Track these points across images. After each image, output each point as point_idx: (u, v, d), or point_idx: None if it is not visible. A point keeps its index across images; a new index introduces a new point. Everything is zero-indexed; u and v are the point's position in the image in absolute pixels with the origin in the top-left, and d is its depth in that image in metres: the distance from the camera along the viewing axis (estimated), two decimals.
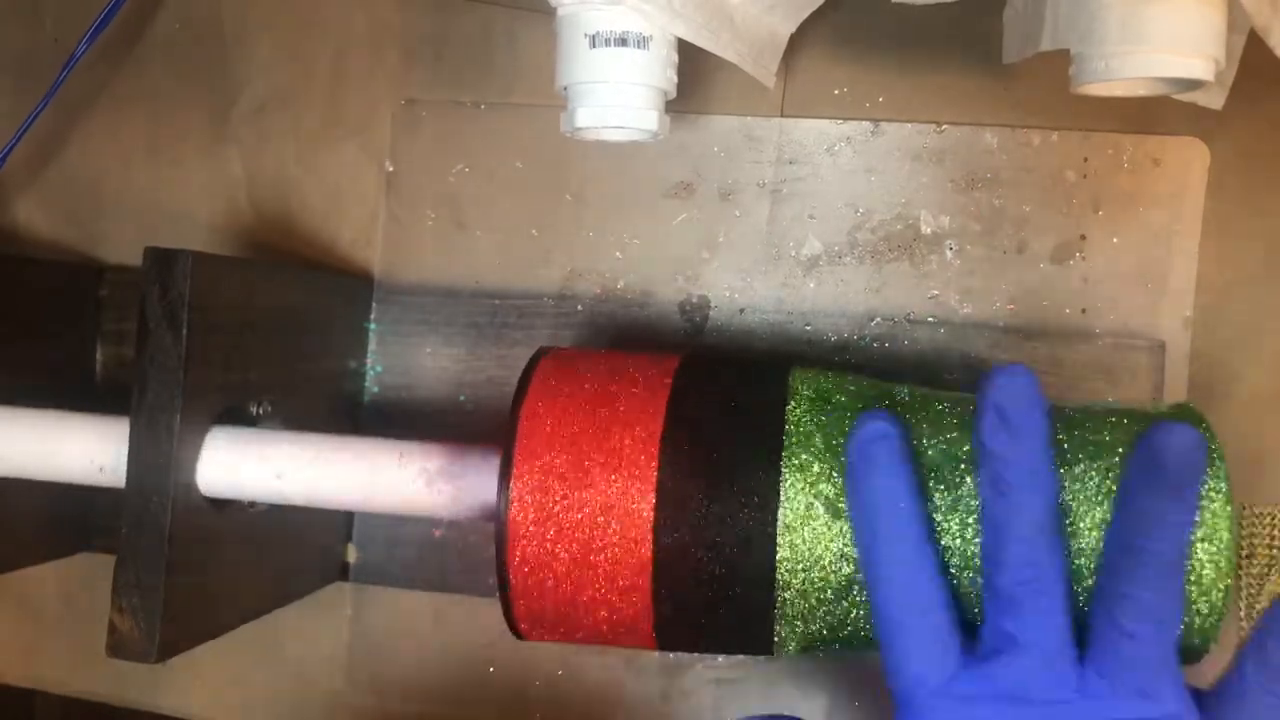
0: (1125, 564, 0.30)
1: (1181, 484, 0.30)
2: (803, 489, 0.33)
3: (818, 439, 0.34)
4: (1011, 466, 0.30)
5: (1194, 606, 0.32)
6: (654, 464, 0.34)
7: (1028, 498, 0.30)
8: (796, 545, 0.33)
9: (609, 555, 0.34)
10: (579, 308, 0.47)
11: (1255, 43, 0.34)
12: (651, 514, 0.34)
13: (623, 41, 0.35)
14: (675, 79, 0.37)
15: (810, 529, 0.33)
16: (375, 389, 0.49)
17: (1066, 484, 0.32)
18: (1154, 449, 0.30)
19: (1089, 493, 0.32)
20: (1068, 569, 0.31)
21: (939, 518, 0.33)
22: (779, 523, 0.33)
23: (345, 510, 0.49)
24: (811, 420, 0.34)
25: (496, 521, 0.34)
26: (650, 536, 0.34)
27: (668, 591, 0.34)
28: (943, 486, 0.33)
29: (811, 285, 0.45)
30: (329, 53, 0.49)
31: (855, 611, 0.34)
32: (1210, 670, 0.34)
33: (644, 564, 0.34)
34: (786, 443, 0.34)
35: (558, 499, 0.34)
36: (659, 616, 0.35)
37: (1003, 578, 0.30)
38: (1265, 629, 0.30)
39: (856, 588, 0.33)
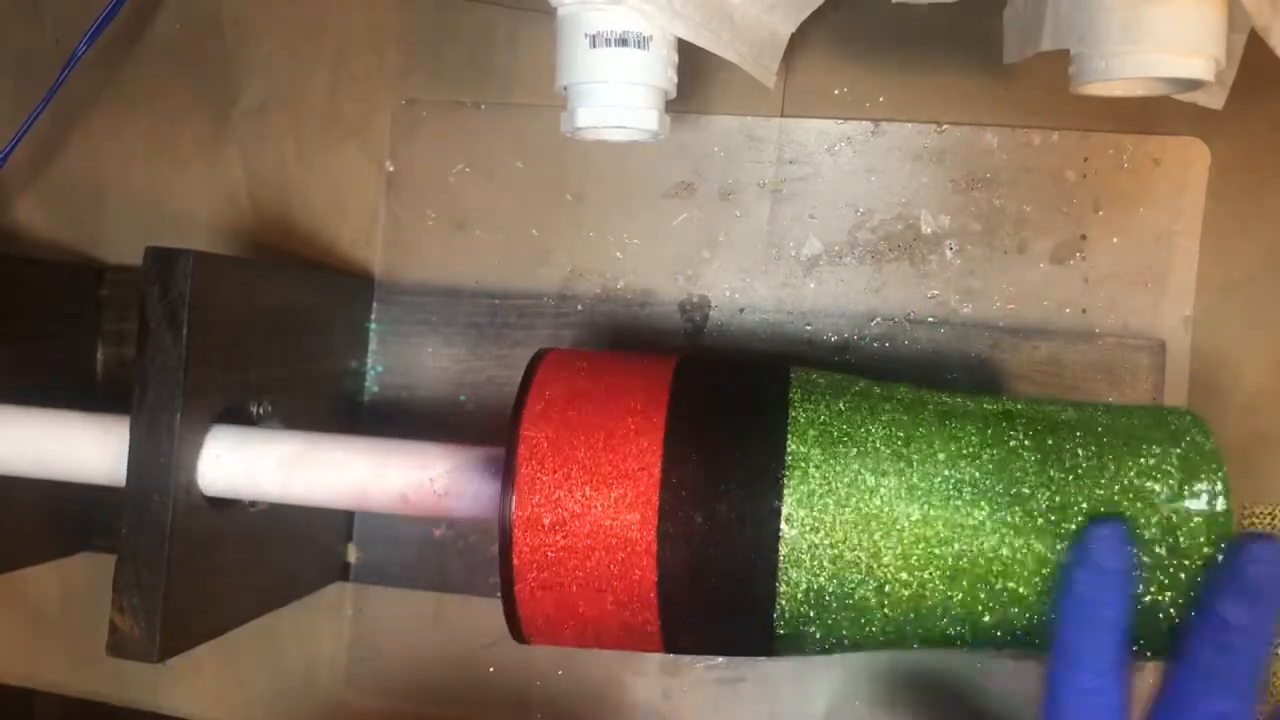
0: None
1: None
2: (804, 490, 0.33)
3: (819, 440, 0.34)
4: (1245, 636, 0.31)
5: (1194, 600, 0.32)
6: (657, 465, 0.34)
7: (1249, 660, 0.31)
8: (798, 547, 0.33)
9: (613, 558, 0.34)
10: (579, 308, 0.47)
11: (1255, 43, 0.34)
12: (655, 515, 0.34)
13: (623, 41, 0.35)
14: (675, 79, 0.37)
15: (811, 531, 0.33)
16: (375, 389, 0.49)
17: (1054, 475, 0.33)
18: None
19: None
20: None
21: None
22: (780, 524, 0.33)
23: (346, 510, 0.49)
24: (812, 421, 0.34)
25: (499, 524, 0.34)
26: (654, 538, 0.34)
27: (673, 593, 0.34)
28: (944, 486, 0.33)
29: (812, 285, 0.45)
30: (329, 53, 0.49)
31: (855, 613, 0.34)
32: None
33: (649, 566, 0.34)
34: (788, 444, 0.34)
35: (560, 501, 0.34)
36: (664, 618, 0.34)
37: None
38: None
39: (856, 589, 0.33)
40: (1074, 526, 0.33)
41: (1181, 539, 0.32)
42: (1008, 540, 0.33)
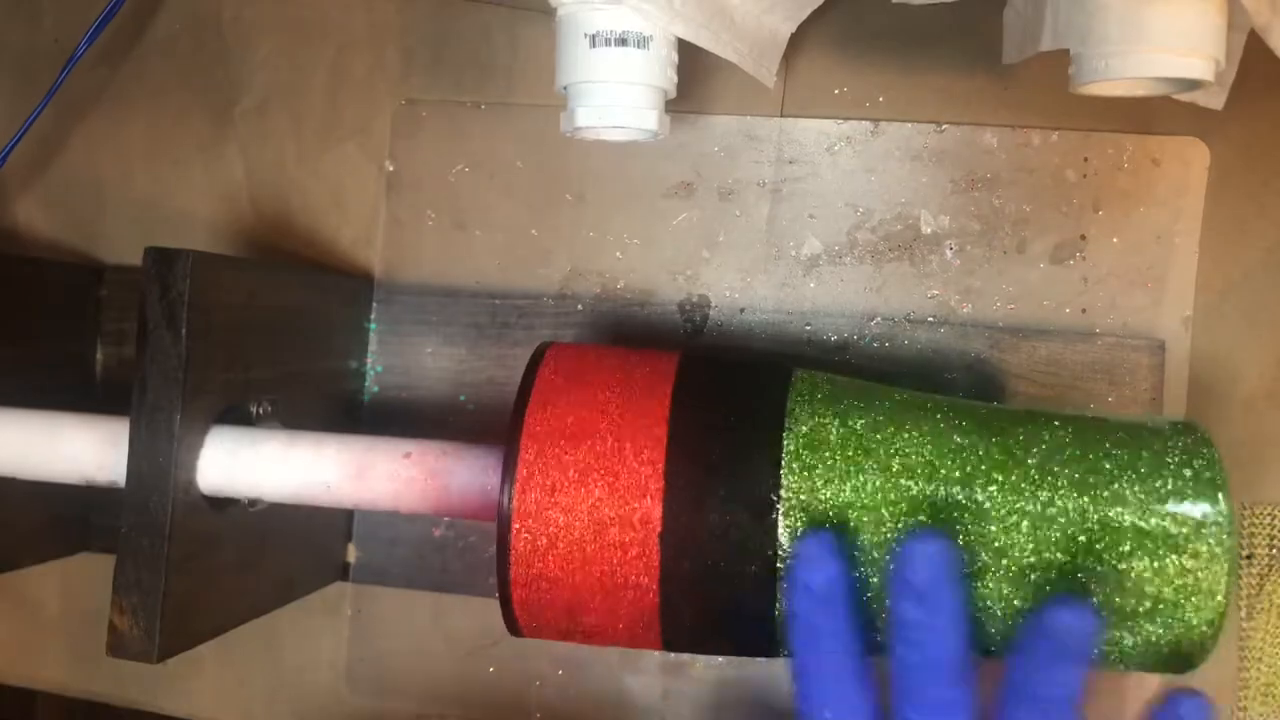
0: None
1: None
2: (803, 490, 0.33)
3: (818, 441, 0.34)
4: (924, 630, 0.31)
5: (1195, 608, 0.32)
6: (659, 464, 0.34)
7: (937, 652, 0.32)
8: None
9: (613, 555, 0.34)
10: (579, 307, 0.47)
11: (1255, 43, 0.34)
12: (658, 511, 0.34)
13: (623, 41, 0.35)
14: (675, 79, 0.37)
15: (809, 529, 0.33)
16: (375, 389, 0.49)
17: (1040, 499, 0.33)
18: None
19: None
20: (975, 697, 0.32)
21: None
22: (779, 524, 0.33)
23: (345, 509, 0.49)
24: (812, 422, 0.35)
25: (499, 520, 0.34)
26: (656, 535, 0.34)
27: (673, 589, 0.34)
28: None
29: (811, 285, 0.45)
30: (329, 53, 0.49)
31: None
32: (1211, 670, 0.34)
33: (650, 564, 0.34)
34: (787, 444, 0.34)
35: (561, 494, 0.34)
36: (664, 617, 0.34)
37: (917, 713, 0.32)
38: None
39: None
40: (1076, 533, 0.33)
41: (1181, 542, 0.32)
42: (1005, 544, 0.33)
